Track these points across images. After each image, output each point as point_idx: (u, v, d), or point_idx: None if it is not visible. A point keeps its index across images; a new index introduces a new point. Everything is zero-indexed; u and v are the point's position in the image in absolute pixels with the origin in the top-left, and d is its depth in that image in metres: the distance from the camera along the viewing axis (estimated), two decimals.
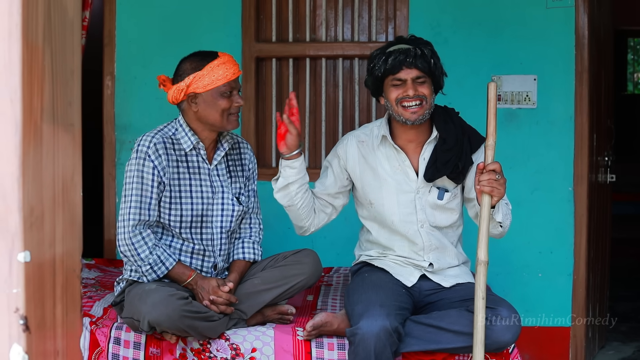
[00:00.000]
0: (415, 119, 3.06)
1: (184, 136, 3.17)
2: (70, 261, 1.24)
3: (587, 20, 4.20)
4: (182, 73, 3.14)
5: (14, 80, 1.08)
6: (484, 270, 2.78)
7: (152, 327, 2.95)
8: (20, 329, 1.08)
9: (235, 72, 3.14)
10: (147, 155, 3.09)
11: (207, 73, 3.10)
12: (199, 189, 3.19)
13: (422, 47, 3.06)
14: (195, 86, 3.10)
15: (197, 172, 3.20)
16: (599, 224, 4.61)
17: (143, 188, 3.09)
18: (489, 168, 2.82)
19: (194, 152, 3.19)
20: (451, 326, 2.96)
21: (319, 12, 4.47)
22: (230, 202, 3.24)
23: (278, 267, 3.24)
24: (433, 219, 3.16)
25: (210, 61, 3.12)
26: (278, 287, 3.20)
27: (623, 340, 4.96)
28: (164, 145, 3.13)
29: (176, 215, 3.15)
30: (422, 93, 3.05)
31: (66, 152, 1.21)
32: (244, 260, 3.29)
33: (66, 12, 1.21)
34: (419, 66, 3.03)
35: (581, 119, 4.23)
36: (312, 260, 3.25)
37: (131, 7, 4.44)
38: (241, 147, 3.37)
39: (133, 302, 3.02)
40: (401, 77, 3.05)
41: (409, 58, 3.02)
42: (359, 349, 2.84)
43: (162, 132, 3.17)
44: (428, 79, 3.07)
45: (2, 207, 1.08)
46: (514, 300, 3.39)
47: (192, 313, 2.94)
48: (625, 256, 7.42)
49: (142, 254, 3.07)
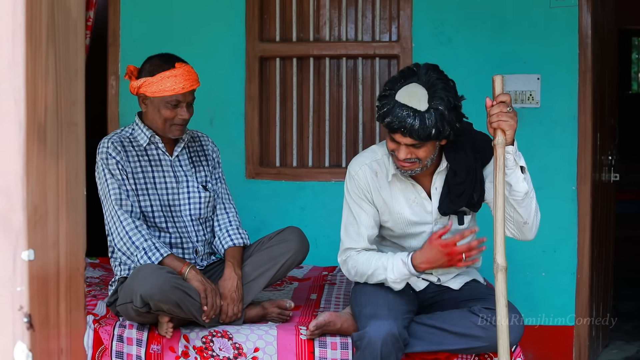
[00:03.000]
0: (408, 173, 2.91)
1: (140, 133, 3.28)
2: (74, 260, 1.24)
3: (590, 20, 4.20)
4: (142, 71, 3.23)
5: (17, 79, 1.08)
6: (504, 277, 2.60)
7: (146, 303, 2.95)
8: (24, 326, 1.09)
9: (186, 87, 3.17)
10: (108, 154, 3.20)
11: (157, 81, 3.16)
12: (162, 179, 3.28)
13: (425, 113, 2.75)
14: (145, 89, 3.19)
15: (158, 164, 3.29)
16: (603, 223, 4.61)
17: (117, 182, 3.18)
18: (499, 99, 2.66)
19: (153, 146, 3.30)
20: (454, 328, 2.94)
21: (323, 12, 4.47)
22: (197, 189, 3.32)
23: (265, 250, 3.28)
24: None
25: (165, 69, 3.17)
26: (268, 269, 3.23)
27: (627, 339, 4.95)
28: (122, 143, 3.25)
29: (146, 206, 3.23)
30: (416, 156, 2.83)
31: (70, 151, 1.22)
32: (235, 247, 3.32)
33: (70, 12, 1.22)
34: (415, 137, 2.76)
35: (585, 118, 4.23)
36: (297, 237, 3.28)
37: (135, 6, 4.45)
38: (202, 139, 3.45)
39: (126, 284, 3.07)
40: (396, 139, 2.82)
41: (404, 128, 2.75)
42: (365, 353, 2.82)
43: (118, 134, 3.30)
44: (428, 142, 2.82)
45: (6, 205, 1.08)
46: (518, 299, 3.39)
47: (182, 287, 2.98)
48: (629, 255, 7.41)
49: (136, 241, 3.11)
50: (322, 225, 4.27)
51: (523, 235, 2.91)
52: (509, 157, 2.72)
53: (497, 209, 2.61)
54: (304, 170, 4.45)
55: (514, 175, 2.75)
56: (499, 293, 2.61)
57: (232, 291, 3.16)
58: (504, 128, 2.66)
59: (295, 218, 4.39)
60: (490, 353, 3.01)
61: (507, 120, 2.65)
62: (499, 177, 2.63)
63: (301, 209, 4.41)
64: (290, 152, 4.51)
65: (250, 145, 4.41)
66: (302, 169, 4.46)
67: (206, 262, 3.35)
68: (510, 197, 2.78)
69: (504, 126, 2.66)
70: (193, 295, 3.02)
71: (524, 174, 2.79)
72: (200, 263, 3.32)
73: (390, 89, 2.82)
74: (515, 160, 2.75)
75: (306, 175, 4.43)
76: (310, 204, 4.41)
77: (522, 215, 2.83)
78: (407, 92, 2.79)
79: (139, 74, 3.23)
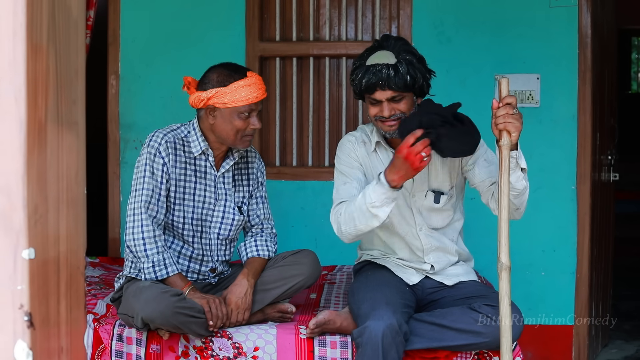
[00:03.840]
0: (393, 132, 3.01)
1: (195, 140, 3.18)
2: (74, 258, 1.24)
3: (590, 19, 4.20)
4: (207, 82, 3.11)
5: (18, 79, 1.09)
6: (507, 276, 2.60)
7: (146, 324, 2.96)
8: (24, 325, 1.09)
9: (259, 96, 3.10)
10: (157, 152, 3.11)
11: (230, 91, 3.07)
12: (203, 193, 3.20)
13: (397, 64, 2.95)
14: (216, 100, 3.08)
15: (203, 177, 3.21)
16: (602, 223, 4.61)
17: (153, 183, 3.10)
18: (506, 101, 2.69)
19: (203, 157, 3.20)
20: (454, 324, 2.95)
21: (323, 12, 4.47)
22: (232, 210, 3.25)
23: (277, 268, 3.24)
24: (430, 221, 3.15)
25: (237, 79, 3.08)
26: (277, 287, 3.20)
27: (626, 339, 4.96)
28: (174, 145, 3.14)
29: (179, 217, 3.17)
30: (399, 110, 2.98)
31: (70, 150, 1.22)
32: (258, 257, 3.28)
33: (70, 12, 1.22)
34: (393, 87, 2.94)
35: (584, 117, 4.23)
36: (311, 261, 3.25)
37: (135, 6, 4.45)
38: (249, 157, 3.36)
39: (128, 299, 3.04)
40: (376, 97, 2.98)
41: (382, 80, 2.93)
42: (367, 348, 2.82)
43: (175, 132, 3.18)
44: (406, 94, 2.99)
45: (6, 204, 1.08)
46: (517, 298, 3.39)
47: (185, 310, 2.93)
48: (629, 255, 7.42)
49: (149, 251, 3.05)
50: (322, 224, 4.26)
51: (512, 216, 2.95)
52: (512, 160, 2.75)
53: (501, 209, 2.63)
54: (304, 170, 4.45)
55: (514, 175, 2.79)
56: (502, 292, 2.62)
57: (239, 297, 3.11)
58: (510, 130, 2.67)
59: (295, 217, 4.39)
60: (490, 351, 3.01)
61: (513, 122, 2.67)
62: (504, 178, 2.64)
63: (301, 209, 4.41)
64: (290, 152, 4.51)
65: None
66: (302, 169, 4.46)
67: (217, 278, 3.33)
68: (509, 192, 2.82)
69: (510, 128, 2.67)
70: (197, 314, 2.97)
71: (524, 173, 2.84)
72: (212, 279, 3.30)
73: (360, 60, 3.04)
74: (517, 162, 2.78)
75: (306, 174, 4.43)
76: (310, 203, 4.41)
77: (516, 204, 2.92)
78: (375, 56, 3.00)
79: (203, 85, 3.12)
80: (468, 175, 3.10)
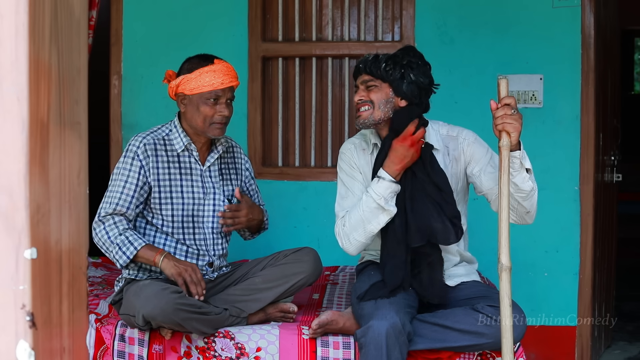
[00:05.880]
0: (359, 123, 3.07)
1: (177, 137, 3.23)
2: (76, 258, 1.24)
3: (593, 20, 4.20)
4: (179, 72, 3.21)
5: (20, 78, 1.09)
6: (508, 277, 2.60)
7: (147, 322, 2.96)
8: (26, 325, 1.09)
9: (224, 82, 3.14)
10: (135, 155, 3.15)
11: (195, 77, 3.14)
12: (190, 189, 3.23)
13: (382, 54, 3.07)
14: (184, 87, 3.16)
15: (188, 173, 3.24)
16: (605, 224, 4.60)
17: (126, 186, 3.13)
18: (504, 102, 2.69)
19: (187, 153, 3.24)
20: (457, 325, 2.95)
21: (325, 12, 4.47)
22: (222, 203, 3.28)
23: (278, 266, 3.25)
24: None
25: (203, 66, 3.15)
26: (279, 285, 3.21)
27: (629, 340, 4.95)
28: (154, 147, 3.18)
29: (167, 215, 3.19)
30: (369, 98, 3.04)
31: (72, 150, 1.22)
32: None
33: (73, 11, 1.22)
34: (368, 71, 3.03)
35: (587, 118, 4.23)
36: (312, 259, 3.26)
37: (138, 6, 4.45)
38: (235, 152, 3.41)
39: (129, 298, 3.05)
40: (357, 82, 3.10)
41: (361, 64, 3.06)
42: (370, 347, 2.82)
43: (155, 133, 3.24)
44: (383, 85, 3.04)
45: (9, 204, 1.08)
46: (520, 299, 3.39)
47: (186, 306, 2.94)
48: (632, 256, 7.41)
49: (112, 236, 3.06)
50: (324, 225, 4.26)
51: (524, 221, 3.01)
52: (516, 161, 2.75)
53: (501, 209, 2.62)
54: (307, 170, 4.45)
55: (520, 176, 2.80)
56: (503, 293, 2.61)
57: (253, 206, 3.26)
58: (508, 130, 2.68)
59: (297, 218, 4.39)
60: (493, 352, 3.01)
61: (512, 123, 2.67)
62: (504, 178, 2.63)
63: (303, 209, 4.41)
64: (293, 152, 4.51)
65: (252, 145, 4.41)
66: (305, 169, 4.46)
67: (217, 274, 3.34)
68: (516, 194, 2.86)
69: (509, 128, 2.67)
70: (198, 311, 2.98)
71: (529, 174, 2.83)
72: (210, 275, 3.31)
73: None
74: (521, 163, 2.78)
75: (308, 175, 4.43)
76: (312, 203, 4.41)
77: (526, 207, 2.93)
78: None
79: (177, 75, 3.21)
80: (475, 182, 3.11)
